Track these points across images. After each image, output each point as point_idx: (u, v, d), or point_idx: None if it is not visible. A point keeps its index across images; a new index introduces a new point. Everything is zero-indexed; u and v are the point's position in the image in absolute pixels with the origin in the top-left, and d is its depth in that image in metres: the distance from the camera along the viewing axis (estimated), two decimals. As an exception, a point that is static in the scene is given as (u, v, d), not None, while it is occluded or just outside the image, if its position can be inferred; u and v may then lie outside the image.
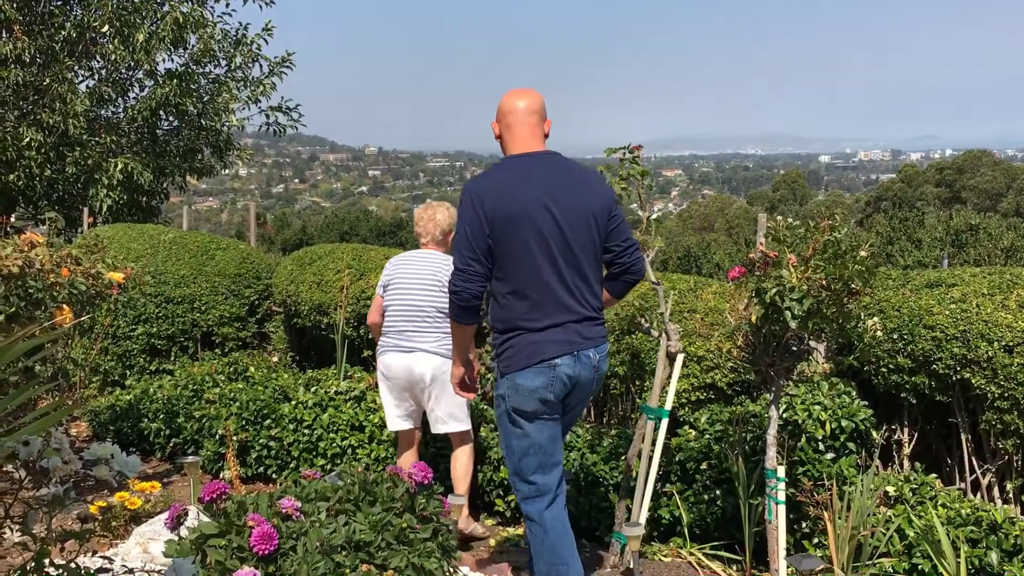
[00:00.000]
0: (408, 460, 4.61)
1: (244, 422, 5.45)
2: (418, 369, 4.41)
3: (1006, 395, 4.18)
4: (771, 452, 3.69)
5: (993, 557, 3.69)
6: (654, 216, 4.26)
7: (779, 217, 3.67)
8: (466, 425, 4.53)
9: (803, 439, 4.21)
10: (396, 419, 4.59)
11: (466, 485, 4.51)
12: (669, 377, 4.13)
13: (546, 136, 3.39)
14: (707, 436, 4.47)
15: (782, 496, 3.67)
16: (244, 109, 10.47)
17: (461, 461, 4.54)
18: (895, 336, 4.51)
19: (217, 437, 5.50)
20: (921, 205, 38.46)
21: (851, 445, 4.22)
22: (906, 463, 4.74)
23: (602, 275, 3.40)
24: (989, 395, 4.23)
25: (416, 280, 4.46)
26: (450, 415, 4.48)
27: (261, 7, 10.04)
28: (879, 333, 3.67)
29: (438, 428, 4.52)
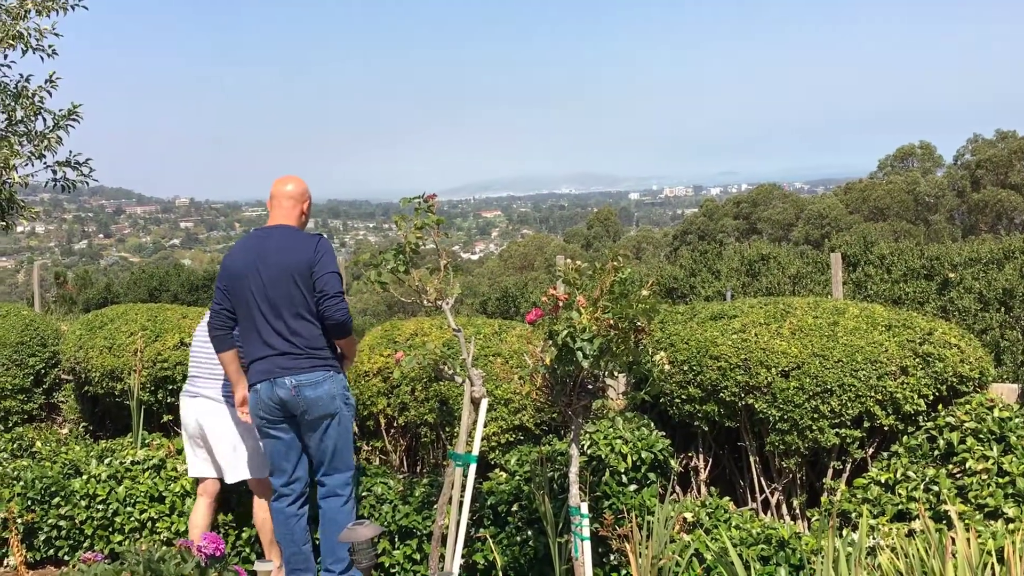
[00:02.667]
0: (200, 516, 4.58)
1: (30, 502, 5.08)
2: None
3: (785, 417, 4.48)
4: (574, 490, 3.77)
5: (782, 573, 3.91)
6: (475, 258, 4.34)
7: (568, 260, 3.80)
8: (245, 474, 4.51)
9: (607, 473, 4.34)
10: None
11: (276, 549, 4.38)
12: (475, 422, 4.16)
13: (303, 214, 4.31)
14: (517, 477, 4.53)
15: (586, 532, 3.75)
16: (28, 165, 9.75)
17: (257, 517, 4.52)
18: (685, 368, 4.75)
19: (-1, 521, 5.06)
20: (722, 237, 40.81)
21: (652, 475, 4.40)
22: (703, 488, 4.98)
23: (316, 319, 4.12)
24: (771, 418, 4.52)
25: (200, 330, 4.67)
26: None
27: (43, 59, 9.43)
28: (667, 366, 3.86)
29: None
